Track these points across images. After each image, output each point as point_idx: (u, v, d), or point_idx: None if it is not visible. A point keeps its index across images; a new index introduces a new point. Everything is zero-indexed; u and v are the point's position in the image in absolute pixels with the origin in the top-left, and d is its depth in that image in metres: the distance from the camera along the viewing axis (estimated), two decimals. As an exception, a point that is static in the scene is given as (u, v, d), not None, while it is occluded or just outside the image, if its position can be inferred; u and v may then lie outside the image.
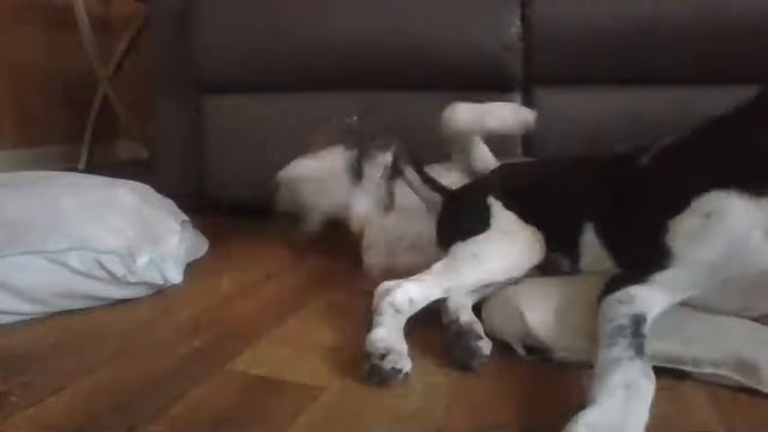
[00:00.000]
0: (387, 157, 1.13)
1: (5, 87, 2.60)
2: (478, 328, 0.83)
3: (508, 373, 0.77)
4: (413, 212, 1.13)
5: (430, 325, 0.85)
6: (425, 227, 1.07)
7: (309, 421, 0.66)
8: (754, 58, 1.32)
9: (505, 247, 0.90)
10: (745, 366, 0.72)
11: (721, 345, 0.74)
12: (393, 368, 0.74)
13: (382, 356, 0.75)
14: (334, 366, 0.79)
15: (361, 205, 1.15)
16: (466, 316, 0.85)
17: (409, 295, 0.83)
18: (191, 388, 0.73)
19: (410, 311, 0.84)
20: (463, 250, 0.91)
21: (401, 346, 0.78)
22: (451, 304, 0.86)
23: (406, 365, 0.76)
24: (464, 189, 1.10)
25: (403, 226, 1.13)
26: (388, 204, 1.12)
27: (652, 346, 0.75)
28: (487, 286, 0.91)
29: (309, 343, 0.86)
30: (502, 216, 0.95)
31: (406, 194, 1.15)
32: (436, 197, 1.10)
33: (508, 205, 0.97)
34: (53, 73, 2.82)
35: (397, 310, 0.82)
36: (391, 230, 1.14)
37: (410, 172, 1.14)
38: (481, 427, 0.65)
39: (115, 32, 3.00)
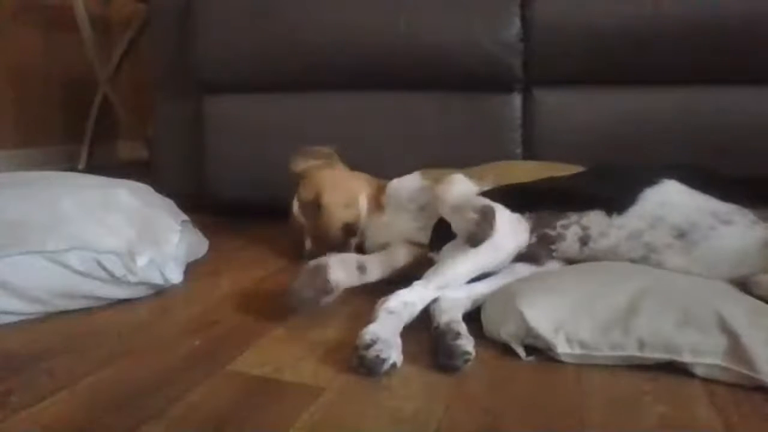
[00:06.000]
0: None
1: (5, 87, 2.60)
2: (457, 326, 0.81)
3: (508, 374, 0.77)
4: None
5: (430, 328, 0.85)
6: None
7: (309, 421, 0.66)
8: (754, 59, 1.33)
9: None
10: (740, 354, 0.72)
11: (714, 328, 0.75)
12: (377, 356, 0.75)
13: (368, 346, 0.76)
14: (334, 366, 0.79)
15: None
16: (446, 317, 0.84)
17: (402, 299, 0.86)
18: (191, 388, 0.73)
19: (407, 313, 0.85)
20: (452, 246, 0.94)
21: (391, 338, 0.78)
22: (436, 310, 0.86)
23: (394, 356, 0.76)
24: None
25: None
26: None
27: (647, 325, 0.76)
28: (480, 281, 0.92)
29: (309, 343, 0.86)
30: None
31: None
32: None
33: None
34: (53, 74, 2.82)
35: (391, 312, 0.83)
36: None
37: None
38: (480, 427, 0.65)
39: (115, 32, 3.00)
